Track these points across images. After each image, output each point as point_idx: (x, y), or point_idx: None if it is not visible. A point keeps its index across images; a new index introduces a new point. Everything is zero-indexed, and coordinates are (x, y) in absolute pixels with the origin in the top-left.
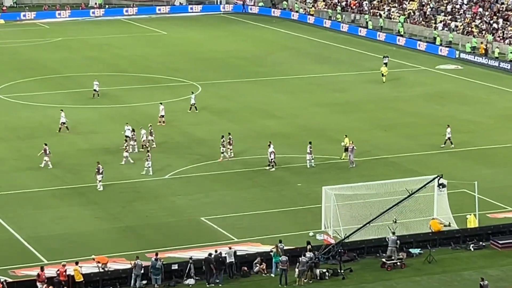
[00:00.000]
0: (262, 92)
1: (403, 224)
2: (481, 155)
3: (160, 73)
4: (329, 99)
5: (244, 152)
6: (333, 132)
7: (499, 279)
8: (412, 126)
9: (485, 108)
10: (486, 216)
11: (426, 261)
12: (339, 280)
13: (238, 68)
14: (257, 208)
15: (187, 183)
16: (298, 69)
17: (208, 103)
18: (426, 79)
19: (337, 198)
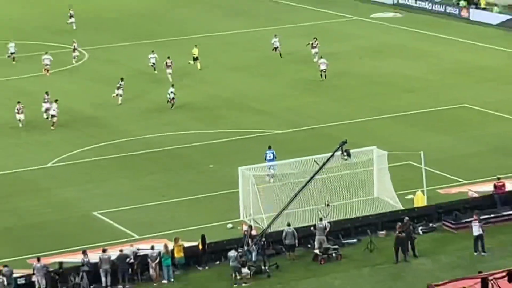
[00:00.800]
0: (162, 56)
1: (337, 207)
2: (428, 119)
3: (36, 38)
4: (245, 60)
5: (145, 130)
6: (251, 101)
7: (453, 267)
8: (345, 88)
9: (431, 61)
10: (436, 192)
11: (367, 250)
12: (264, 279)
13: (132, 27)
14: (162, 197)
15: (75, 171)
16: (206, 26)
17: (97, 71)
18: (360, 31)
19: (257, 180)
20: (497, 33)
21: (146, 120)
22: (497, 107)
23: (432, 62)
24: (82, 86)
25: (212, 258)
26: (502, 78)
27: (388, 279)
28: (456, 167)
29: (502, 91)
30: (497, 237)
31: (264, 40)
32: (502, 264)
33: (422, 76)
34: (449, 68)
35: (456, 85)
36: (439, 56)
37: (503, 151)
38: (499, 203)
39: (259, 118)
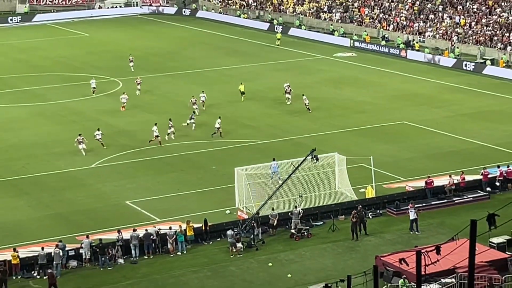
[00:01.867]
0: (178, 85)
1: (308, 198)
2: (376, 132)
3: (84, 71)
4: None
5: (164, 140)
6: (244, 119)
7: (395, 242)
8: (314, 110)
9: (378, 90)
10: (382, 186)
11: (330, 230)
12: (253, 251)
13: (155, 63)
14: (177, 190)
15: (112, 171)
16: (210, 62)
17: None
18: (325, 66)
19: (248, 177)
20: (427, 68)
21: (162, 133)
22: (428, 124)
23: (378, 90)
24: (117, 107)
25: (215, 236)
26: (431, 103)
27: (346, 252)
28: (396, 168)
29: (431, 112)
30: (427, 220)
31: (254, 73)
32: (432, 241)
33: (371, 101)
34: (392, 95)
35: (397, 108)
36: (384, 85)
37: (431, 157)
38: (429, 195)
39: (249, 131)
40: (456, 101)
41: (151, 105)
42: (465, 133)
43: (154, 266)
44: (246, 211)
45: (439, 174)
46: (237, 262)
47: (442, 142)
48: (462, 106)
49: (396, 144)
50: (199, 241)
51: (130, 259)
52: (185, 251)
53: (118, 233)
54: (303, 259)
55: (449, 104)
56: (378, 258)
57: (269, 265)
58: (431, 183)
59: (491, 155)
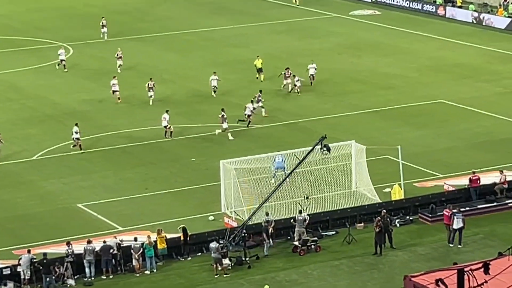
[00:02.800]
0: (147, 52)
1: (317, 200)
2: (405, 115)
3: (24, 34)
4: (228, 56)
5: (130, 124)
6: (233, 96)
7: (430, 258)
8: (325, 84)
9: (408, 58)
10: (412, 185)
11: (345, 242)
12: (244, 270)
13: (117, 24)
14: (145, 190)
15: (59, 164)
16: (190, 23)
17: (82, 67)
18: (339, 28)
19: (238, 173)
20: (472, 30)
21: (129, 115)
22: (473, 103)
23: (408, 59)
24: (67, 81)
25: (194, 249)
26: (477, 75)
27: (365, 270)
28: (432, 161)
29: (477, 88)
30: (471, 229)
31: (246, 37)
32: (477, 256)
33: (399, 73)
34: (426, 65)
35: (432, 82)
36: (416, 53)
37: (478, 146)
38: (474, 196)
39: (240, 113)
40: (510, 73)
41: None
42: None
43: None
44: (235, 217)
45: (487, 169)
46: (224, 283)
47: (491, 127)
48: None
49: (431, 130)
50: (174, 256)
51: (83, 280)
52: (155, 269)
53: (67, 245)
54: (309, 279)
55: (501, 78)
56: (408, 279)
57: (265, 287)
58: (477, 180)
59: None
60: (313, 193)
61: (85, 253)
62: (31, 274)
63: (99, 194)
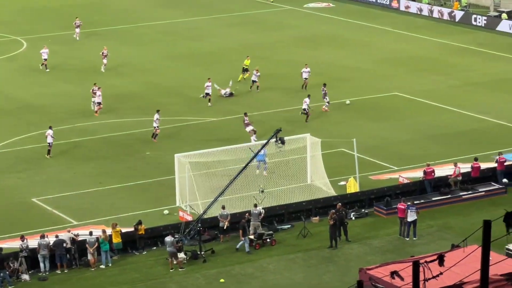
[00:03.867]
0: (102, 45)
1: (272, 194)
2: (361, 107)
3: None
4: (182, 49)
5: (82, 118)
6: (188, 90)
7: (385, 251)
8: (281, 77)
9: (364, 51)
10: (368, 178)
11: (301, 236)
12: (199, 264)
13: (73, 17)
14: (99, 184)
15: (13, 159)
16: (144, 16)
17: (36, 61)
18: (294, 21)
19: (193, 167)
20: (427, 23)
21: (84, 109)
22: (427, 96)
23: (363, 52)
24: (21, 74)
25: (149, 244)
26: (432, 68)
27: (321, 263)
28: (387, 154)
29: (432, 81)
30: (426, 221)
31: (201, 30)
32: (432, 248)
33: (355, 66)
34: (381, 58)
35: (388, 75)
36: (371, 45)
37: (432, 139)
38: (429, 189)
39: (196, 106)
40: (464, 66)
41: (66, 72)
42: (476, 108)
43: (69, 283)
44: (190, 211)
45: (441, 161)
46: (179, 277)
47: (446, 120)
48: (471, 73)
49: (386, 123)
50: (129, 250)
51: (37, 275)
52: (110, 263)
53: (21, 240)
54: (265, 273)
55: (455, 70)
56: (363, 271)
57: (220, 281)
58: (432, 173)
59: (509, 135)
60: (268, 187)
61: (39, 248)
62: None
63: (54, 189)
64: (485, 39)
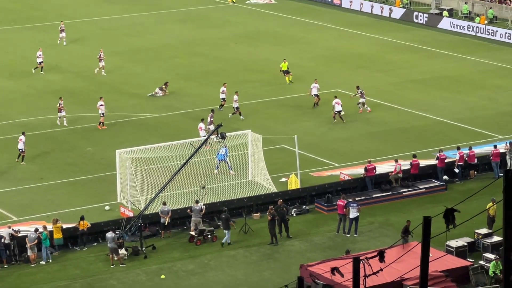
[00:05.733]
0: (42, 41)
1: (213, 190)
2: (301, 104)
3: None
4: (123, 45)
5: (22, 114)
6: (128, 86)
7: (325, 248)
8: (221, 73)
9: (304, 48)
10: (309, 175)
11: (242, 232)
12: (140, 260)
13: (8, 12)
14: (40, 179)
15: None
16: (84, 11)
17: None
18: (236, 17)
19: (134, 163)
20: (368, 20)
21: (24, 104)
22: (368, 93)
23: (304, 49)
24: None
25: (90, 240)
26: (372, 65)
27: (261, 260)
28: (328, 151)
29: (372, 78)
30: (367, 218)
31: (142, 26)
32: (373, 245)
33: (296, 63)
34: (321, 55)
35: (328, 71)
36: (312, 42)
37: (373, 136)
38: (370, 185)
39: (137, 102)
40: (405, 63)
41: (5, 67)
42: (416, 105)
43: (9, 280)
44: (131, 207)
45: (382, 158)
46: (120, 274)
47: (386, 117)
48: (412, 70)
49: (327, 119)
50: (70, 246)
51: None
52: (50, 259)
53: None
54: (206, 269)
55: (395, 67)
56: (304, 268)
57: (161, 277)
58: (373, 169)
59: (448, 133)
60: (210, 183)
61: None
62: None
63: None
64: (426, 37)
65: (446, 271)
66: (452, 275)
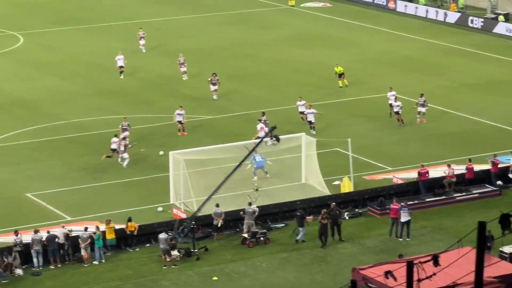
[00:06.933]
0: (92, 41)
1: (266, 192)
2: (354, 107)
3: None
4: (174, 46)
5: (76, 114)
6: (181, 87)
7: (378, 251)
8: (272, 76)
9: (357, 51)
10: (362, 178)
11: (294, 234)
12: (193, 261)
13: (64, 13)
14: (94, 180)
15: (7, 153)
16: (136, 12)
17: (31, 56)
18: (289, 19)
19: (188, 164)
20: (422, 24)
21: (77, 104)
22: None
23: (357, 52)
24: (16, 69)
25: (143, 240)
26: (425, 69)
27: (313, 263)
28: (381, 155)
29: (424, 81)
30: (419, 222)
31: (193, 27)
32: (425, 249)
33: (348, 65)
34: (375, 58)
35: (380, 75)
36: (365, 46)
37: (427, 140)
38: (423, 189)
39: (191, 104)
40: (458, 67)
41: (58, 67)
42: (470, 110)
43: (62, 279)
44: (184, 208)
45: (436, 162)
46: (172, 275)
47: (439, 121)
48: (465, 74)
49: (380, 123)
50: (123, 247)
51: (31, 269)
52: (103, 259)
53: (15, 235)
54: (258, 271)
55: (448, 71)
56: (356, 271)
57: (213, 279)
58: (426, 174)
59: (502, 138)
60: (263, 185)
61: (33, 243)
62: None
63: (47, 184)
64: (481, 41)
65: (499, 277)
66: (506, 281)
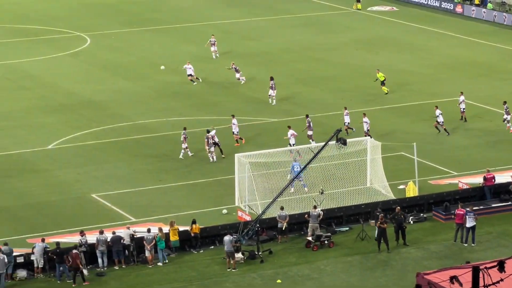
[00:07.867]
0: (162, 43)
1: (331, 196)
2: (421, 112)
3: (39, 23)
4: (242, 48)
5: (143, 115)
6: (247, 89)
7: (443, 256)
8: (339, 79)
9: (424, 55)
10: (427, 183)
11: (359, 238)
12: (257, 264)
13: (132, 14)
14: (159, 181)
15: (74, 154)
16: (205, 15)
17: (98, 57)
18: (356, 23)
19: (253, 167)
20: (489, 29)
21: (144, 106)
22: (489, 102)
23: (424, 56)
24: (83, 70)
25: (207, 242)
26: (493, 74)
27: (377, 267)
28: (447, 159)
29: (493, 86)
30: (485, 228)
31: (261, 30)
32: (490, 255)
33: (415, 70)
34: (442, 63)
35: (448, 79)
36: (432, 50)
37: (493, 145)
38: (489, 195)
39: (254, 106)
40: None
41: (126, 69)
42: None
43: (127, 280)
44: (248, 211)
45: (502, 167)
46: (236, 277)
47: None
48: None
49: (446, 127)
50: (186, 248)
51: (96, 270)
52: (167, 261)
53: (81, 235)
54: (322, 275)
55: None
56: (421, 276)
57: (277, 282)
58: (492, 179)
59: None
60: (328, 189)
61: (98, 244)
62: (44, 263)
63: (113, 185)
64: None
65: None
66: None
